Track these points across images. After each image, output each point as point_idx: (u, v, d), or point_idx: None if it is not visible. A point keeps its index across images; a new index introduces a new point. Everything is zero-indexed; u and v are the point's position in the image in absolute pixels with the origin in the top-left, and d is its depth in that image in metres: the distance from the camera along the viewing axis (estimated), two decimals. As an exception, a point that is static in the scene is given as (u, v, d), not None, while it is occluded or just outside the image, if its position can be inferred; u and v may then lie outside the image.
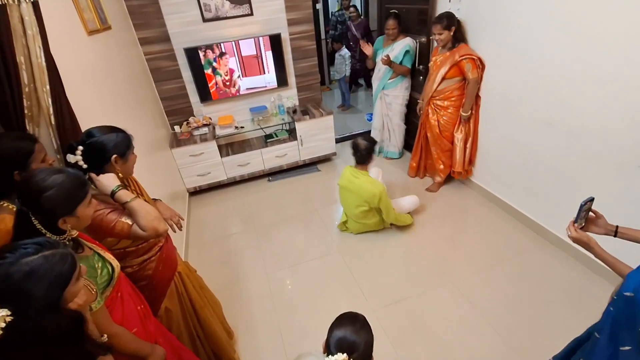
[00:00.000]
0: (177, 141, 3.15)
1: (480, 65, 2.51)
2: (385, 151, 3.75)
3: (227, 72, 3.22)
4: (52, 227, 0.92)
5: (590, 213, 1.17)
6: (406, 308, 2.07)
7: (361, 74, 5.85)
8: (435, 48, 2.76)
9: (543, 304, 2.00)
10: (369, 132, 3.89)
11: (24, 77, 1.10)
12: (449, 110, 2.77)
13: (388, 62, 3.08)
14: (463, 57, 2.50)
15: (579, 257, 2.20)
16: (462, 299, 2.09)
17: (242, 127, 3.39)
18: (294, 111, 3.47)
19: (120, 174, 1.25)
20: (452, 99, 2.72)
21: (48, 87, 1.15)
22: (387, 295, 2.16)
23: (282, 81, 3.45)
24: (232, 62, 3.18)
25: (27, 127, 1.17)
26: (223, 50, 3.09)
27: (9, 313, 0.65)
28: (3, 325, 0.64)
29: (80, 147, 1.14)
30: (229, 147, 3.49)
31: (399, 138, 3.60)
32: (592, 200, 1.13)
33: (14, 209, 1.06)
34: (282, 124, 3.57)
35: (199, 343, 1.67)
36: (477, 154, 2.86)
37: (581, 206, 1.13)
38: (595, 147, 1.93)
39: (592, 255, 1.13)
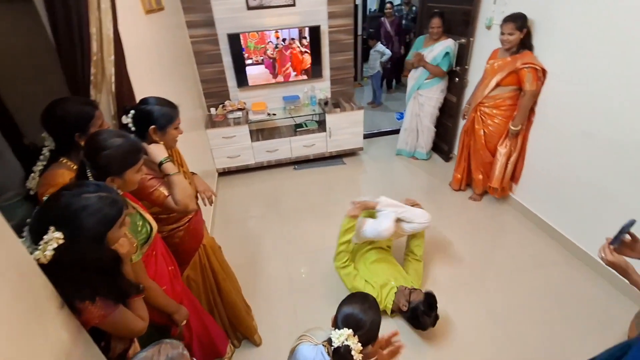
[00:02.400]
0: (212, 122, 3.29)
1: (541, 77, 2.32)
2: (413, 152, 3.74)
3: (266, 59, 3.31)
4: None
5: (627, 235, 1.12)
6: (419, 304, 2.09)
7: (393, 73, 5.82)
8: (494, 51, 2.56)
9: (562, 318, 1.97)
10: (398, 130, 3.89)
11: (94, 46, 1.22)
12: (496, 120, 2.59)
13: (421, 60, 3.06)
14: (525, 66, 2.29)
15: (606, 275, 2.14)
16: (479, 303, 2.09)
17: (274, 115, 3.49)
18: (326, 103, 3.53)
19: (161, 143, 1.34)
20: (502, 108, 2.53)
21: (113, 57, 1.27)
22: (402, 290, 2.19)
23: (316, 73, 3.51)
24: (271, 50, 3.27)
25: (91, 93, 1.29)
26: (264, 38, 3.19)
27: (62, 236, 0.76)
28: (55, 245, 0.75)
29: (132, 111, 1.25)
30: (260, 132, 3.60)
31: (427, 140, 3.58)
32: (633, 223, 1.09)
33: (73, 166, 1.19)
34: (313, 115, 3.64)
35: (217, 313, 1.77)
36: (523, 173, 2.68)
37: (622, 228, 1.09)
38: (636, 164, 1.87)
39: (625, 280, 1.08)
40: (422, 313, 1.74)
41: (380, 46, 4.93)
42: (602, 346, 1.56)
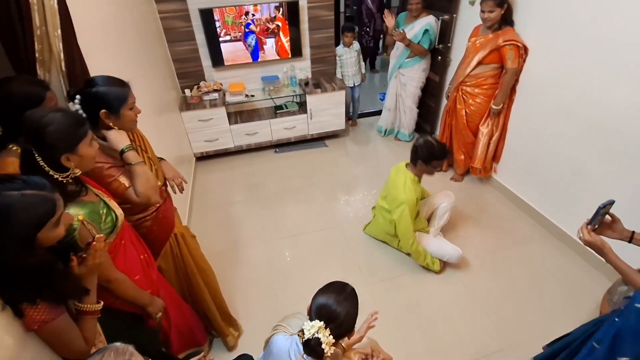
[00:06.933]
0: (186, 105, 3.13)
1: (523, 54, 2.26)
2: (395, 132, 3.70)
3: (240, 36, 3.15)
4: (56, 164, 0.92)
5: (607, 216, 1.12)
6: (401, 285, 2.11)
7: (375, 53, 5.62)
8: (475, 28, 2.48)
9: (538, 294, 2.02)
10: (380, 111, 3.81)
11: (36, 19, 1.09)
12: (478, 100, 2.54)
13: (404, 39, 2.97)
14: (507, 43, 2.24)
15: (580, 252, 2.20)
16: (457, 281, 2.12)
17: (252, 96, 3.35)
18: (306, 83, 3.41)
19: (116, 128, 1.19)
20: (484, 87, 2.49)
21: (59, 31, 1.13)
22: (384, 270, 2.20)
23: (296, 51, 3.37)
24: (248, 27, 3.10)
25: (38, 72, 1.16)
26: (238, 13, 3.01)
27: None
28: None
29: (79, 96, 1.12)
30: (238, 115, 3.46)
31: (409, 121, 3.53)
32: (612, 203, 1.08)
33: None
34: (293, 96, 3.51)
35: (191, 303, 1.69)
36: (504, 152, 2.66)
37: (599, 209, 1.08)
38: (613, 141, 1.88)
39: (603, 259, 1.09)
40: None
41: (356, 45, 3.46)
42: (577, 320, 1.61)
